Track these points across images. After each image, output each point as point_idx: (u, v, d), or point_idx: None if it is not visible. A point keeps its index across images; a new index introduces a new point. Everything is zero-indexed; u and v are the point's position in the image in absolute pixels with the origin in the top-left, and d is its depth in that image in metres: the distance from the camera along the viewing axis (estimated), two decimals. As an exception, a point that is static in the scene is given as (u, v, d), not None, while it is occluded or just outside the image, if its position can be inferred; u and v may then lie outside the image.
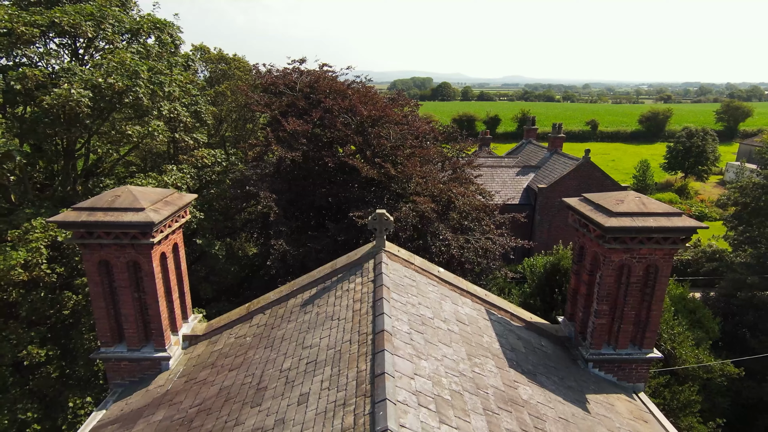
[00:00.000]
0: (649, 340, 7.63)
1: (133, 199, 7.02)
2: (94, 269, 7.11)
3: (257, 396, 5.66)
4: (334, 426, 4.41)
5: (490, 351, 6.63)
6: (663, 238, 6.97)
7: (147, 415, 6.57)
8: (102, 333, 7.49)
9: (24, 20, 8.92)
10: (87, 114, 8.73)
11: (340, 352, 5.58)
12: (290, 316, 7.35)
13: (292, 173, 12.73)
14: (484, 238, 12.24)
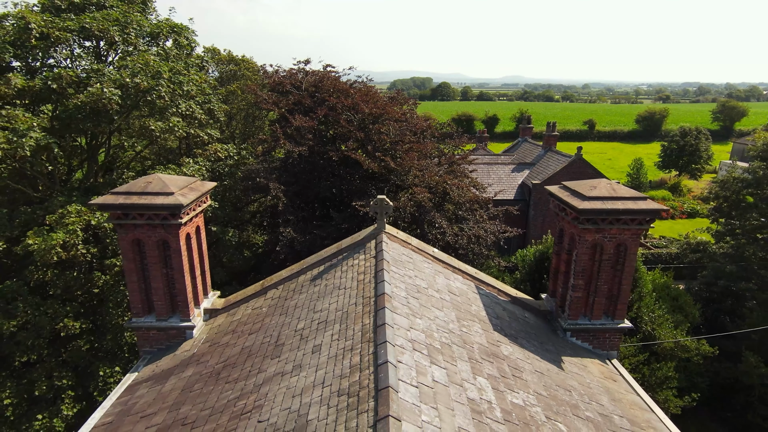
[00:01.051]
0: (620, 311, 8.57)
1: (163, 185, 7.96)
2: (128, 247, 8.05)
3: (276, 350, 6.60)
4: (344, 364, 5.35)
5: (477, 317, 7.56)
6: (630, 219, 7.91)
7: (177, 372, 7.51)
8: (134, 304, 8.42)
9: (58, 26, 9.86)
10: (116, 110, 9.67)
11: (347, 313, 6.51)
12: (301, 289, 8.29)
13: (298, 167, 13.67)
14: (477, 226, 13.19)
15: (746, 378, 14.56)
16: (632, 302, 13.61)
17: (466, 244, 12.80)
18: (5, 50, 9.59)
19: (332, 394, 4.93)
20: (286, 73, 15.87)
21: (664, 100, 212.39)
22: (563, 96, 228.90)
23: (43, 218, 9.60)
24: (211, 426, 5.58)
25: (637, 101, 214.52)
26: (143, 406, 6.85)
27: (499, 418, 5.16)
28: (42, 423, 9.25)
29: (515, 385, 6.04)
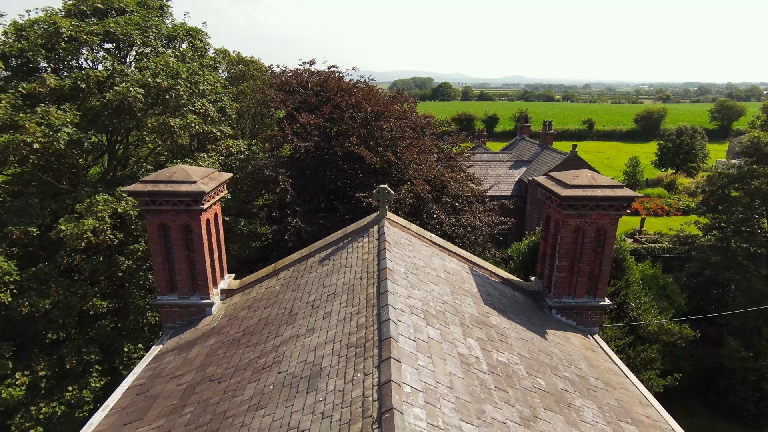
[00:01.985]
0: (601, 290, 9.40)
1: (186, 174, 8.80)
2: (155, 231, 8.89)
3: (290, 319, 7.44)
4: (351, 325, 6.19)
5: (470, 293, 8.40)
6: (608, 205, 8.73)
7: (200, 342, 8.36)
8: (159, 284, 9.27)
9: (85, 30, 10.70)
10: (139, 108, 10.51)
11: (353, 286, 7.35)
12: (311, 269, 9.13)
13: (304, 161, 14.52)
14: (473, 217, 14.02)
15: (728, 362, 15.38)
16: (619, 289, 14.45)
17: (462, 234, 13.64)
18: (38, 52, 10.45)
19: (342, 347, 5.78)
20: (292, 74, 16.73)
21: (664, 100, 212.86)
22: (564, 96, 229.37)
23: (72, 207, 10.44)
24: (236, 379, 6.43)
25: (638, 101, 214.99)
26: (172, 370, 7.70)
27: (485, 369, 5.99)
28: (72, 394, 10.10)
29: (501, 347, 6.88)
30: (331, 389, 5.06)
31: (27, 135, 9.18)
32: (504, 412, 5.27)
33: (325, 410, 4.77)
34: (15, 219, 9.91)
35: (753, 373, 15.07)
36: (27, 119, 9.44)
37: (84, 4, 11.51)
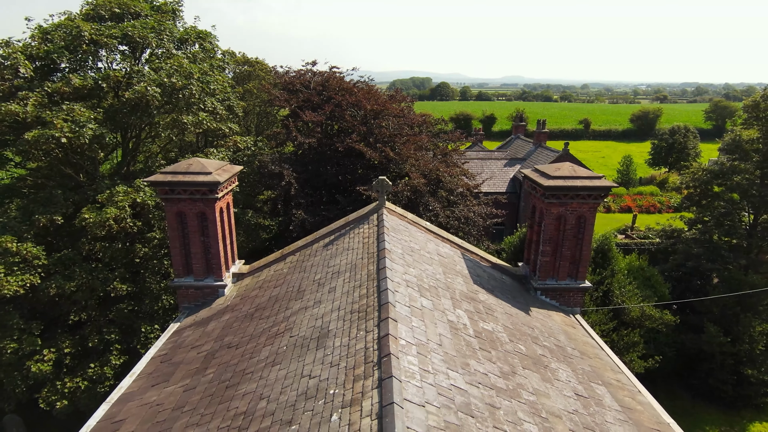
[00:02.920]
0: (582, 273, 10.24)
1: (202, 166, 9.63)
2: (173, 218, 9.71)
3: (298, 294, 8.27)
4: (354, 296, 7.02)
5: (461, 274, 9.25)
6: (587, 195, 9.58)
7: (215, 318, 9.19)
8: (176, 267, 10.09)
9: (105, 33, 11.50)
10: (156, 106, 11.33)
11: (355, 265, 8.19)
12: (316, 253, 9.96)
13: (307, 157, 15.34)
14: (466, 209, 14.87)
15: (708, 347, 16.25)
16: (605, 278, 15.33)
17: (456, 226, 14.49)
18: (62, 54, 11.25)
19: (346, 313, 6.62)
20: (295, 74, 17.55)
21: (661, 100, 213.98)
22: (562, 96, 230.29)
23: (93, 198, 11.24)
24: (252, 345, 7.26)
25: (635, 101, 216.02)
26: (191, 341, 8.53)
27: (471, 334, 6.84)
28: (94, 370, 10.90)
29: (487, 318, 7.73)
30: (337, 345, 5.91)
31: (55, 130, 9.99)
32: (486, 366, 6.11)
33: (332, 360, 5.61)
34: (41, 208, 10.72)
35: (731, 357, 15.95)
36: (54, 116, 10.25)
37: (103, 9, 12.32)
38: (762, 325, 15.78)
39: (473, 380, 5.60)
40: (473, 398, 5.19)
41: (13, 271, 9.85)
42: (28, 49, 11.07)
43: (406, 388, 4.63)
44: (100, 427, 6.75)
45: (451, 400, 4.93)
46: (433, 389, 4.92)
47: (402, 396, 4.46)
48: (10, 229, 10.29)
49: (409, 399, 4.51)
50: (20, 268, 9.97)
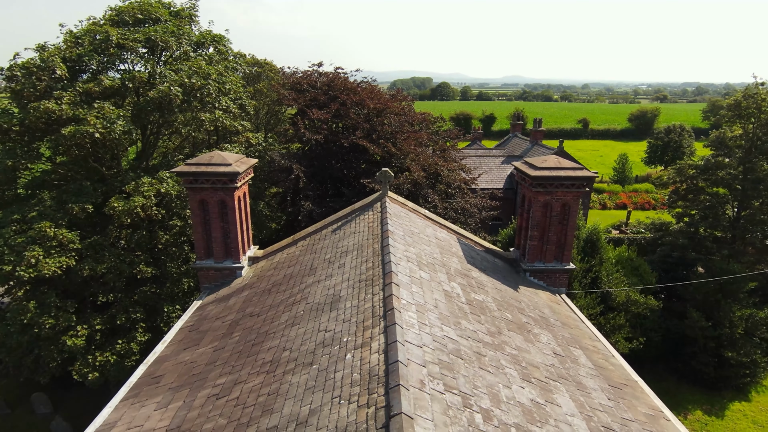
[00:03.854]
0: (567, 256, 11.25)
1: (223, 158, 10.66)
2: (196, 206, 10.75)
3: (311, 271, 9.29)
4: (361, 269, 8.04)
5: (456, 255, 10.26)
6: (571, 184, 10.59)
7: (236, 295, 10.21)
8: (198, 250, 11.13)
9: (130, 37, 12.52)
10: (177, 104, 12.35)
11: (361, 244, 9.21)
12: (325, 237, 10.98)
13: (314, 152, 16.36)
14: (463, 201, 15.88)
15: (690, 331, 17.24)
16: (593, 266, 16.34)
17: (454, 217, 15.49)
18: (92, 57, 12.27)
19: (355, 283, 7.64)
20: (302, 74, 18.57)
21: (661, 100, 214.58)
22: (562, 96, 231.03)
23: (120, 188, 12.27)
24: (272, 312, 8.28)
25: (635, 101, 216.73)
26: (216, 314, 9.56)
27: (464, 302, 7.86)
28: (122, 346, 11.91)
29: (478, 291, 8.74)
30: (348, 306, 6.93)
31: (89, 126, 11.00)
32: (475, 326, 7.13)
33: (345, 318, 6.64)
34: (74, 198, 11.74)
35: (713, 341, 16.94)
36: (86, 113, 11.27)
37: (127, 15, 13.33)
38: (741, 310, 16.76)
39: (463, 334, 6.62)
40: (463, 346, 6.21)
41: (51, 253, 10.88)
42: (61, 52, 12.09)
43: (406, 333, 5.65)
44: (142, 381, 7.78)
45: (444, 346, 5.95)
46: (429, 336, 5.94)
47: (404, 338, 5.48)
48: (46, 216, 11.32)
49: (409, 341, 5.53)
50: (57, 251, 11.00)
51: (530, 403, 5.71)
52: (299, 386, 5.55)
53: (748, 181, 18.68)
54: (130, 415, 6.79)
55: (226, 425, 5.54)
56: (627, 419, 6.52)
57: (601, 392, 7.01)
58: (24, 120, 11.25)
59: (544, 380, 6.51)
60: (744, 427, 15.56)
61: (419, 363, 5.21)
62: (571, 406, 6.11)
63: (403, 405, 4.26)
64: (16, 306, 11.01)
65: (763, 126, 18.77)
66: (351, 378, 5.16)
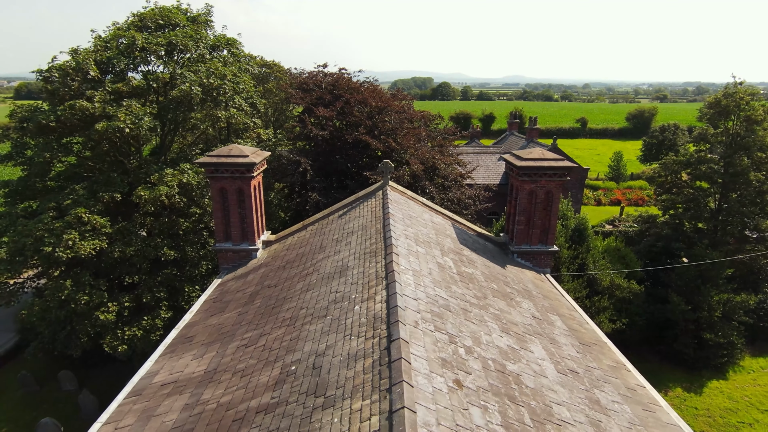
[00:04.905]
0: (551, 239, 12.43)
1: (240, 150, 11.86)
2: (216, 193, 11.95)
3: (320, 250, 10.49)
4: (365, 245, 9.23)
5: (450, 236, 11.45)
6: (553, 173, 11.76)
7: (253, 272, 11.42)
8: (218, 233, 12.33)
9: (153, 42, 13.73)
10: (197, 102, 13.55)
11: (365, 226, 10.41)
12: (332, 222, 12.18)
13: (320, 147, 17.56)
14: (458, 192, 17.07)
15: (672, 315, 18.42)
16: (580, 253, 17.53)
17: (450, 207, 16.68)
18: (120, 59, 13.48)
19: (360, 255, 8.84)
20: (308, 75, 19.78)
21: (661, 100, 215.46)
22: (562, 96, 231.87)
23: (145, 179, 13.48)
24: (288, 284, 9.48)
25: (636, 101, 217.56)
26: (236, 287, 10.76)
27: (455, 273, 9.05)
28: (147, 322, 13.12)
29: (468, 266, 9.93)
30: (355, 273, 8.13)
31: (120, 122, 12.21)
32: (464, 291, 8.32)
33: (352, 281, 7.84)
34: (103, 188, 12.95)
35: (692, 323, 18.12)
36: (116, 111, 12.48)
37: (150, 21, 14.55)
38: (719, 295, 17.93)
39: (453, 295, 7.81)
40: (451, 303, 7.41)
41: (86, 237, 12.08)
42: (92, 55, 13.29)
43: (404, 289, 6.85)
44: (176, 341, 8.99)
45: (435, 301, 7.15)
46: (423, 293, 7.14)
47: (402, 292, 6.68)
48: (80, 204, 12.52)
49: (407, 294, 6.73)
50: (90, 235, 12.20)
51: (507, 347, 6.91)
52: (316, 332, 6.75)
53: (728, 175, 19.85)
54: (170, 365, 8.00)
55: (256, 364, 6.75)
56: (591, 367, 7.71)
57: (571, 347, 8.20)
58: (60, 117, 12.46)
59: (521, 334, 7.71)
60: (719, 402, 16.73)
61: (414, 310, 6.41)
62: (542, 353, 7.31)
63: (401, 334, 5.46)
64: (54, 284, 12.23)
65: (742, 123, 19.95)
66: (359, 322, 6.36)
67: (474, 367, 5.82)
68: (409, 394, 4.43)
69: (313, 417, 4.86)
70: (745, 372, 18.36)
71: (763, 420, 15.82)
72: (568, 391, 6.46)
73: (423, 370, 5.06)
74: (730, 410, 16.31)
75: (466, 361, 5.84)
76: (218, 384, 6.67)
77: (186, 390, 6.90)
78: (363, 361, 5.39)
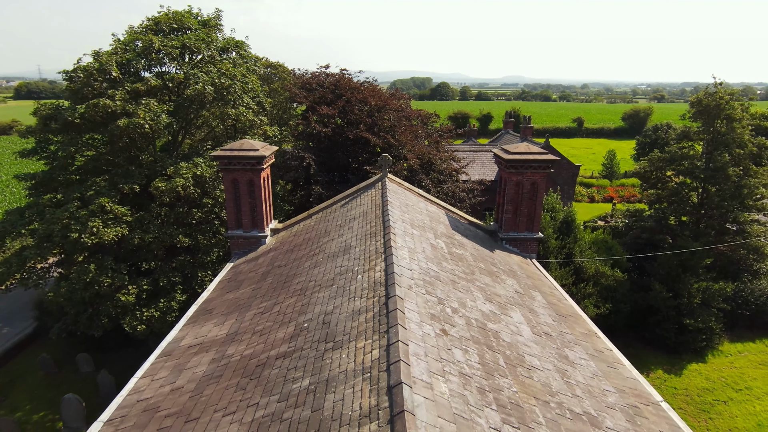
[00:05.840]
0: (536, 227, 13.51)
1: (251, 145, 12.94)
2: (229, 184, 13.01)
3: (325, 234, 11.57)
4: (366, 228, 10.30)
5: (443, 223, 12.53)
6: (538, 166, 12.85)
7: (263, 256, 12.48)
8: (230, 221, 13.39)
9: (169, 44, 14.78)
10: (209, 101, 14.61)
11: (366, 212, 11.48)
12: (335, 210, 13.26)
13: (323, 144, 18.62)
14: (453, 185, 18.15)
15: (655, 302, 19.52)
16: (567, 243, 18.63)
17: (445, 199, 17.76)
18: (138, 61, 14.54)
19: (361, 236, 9.91)
20: (311, 75, 20.85)
21: (659, 100, 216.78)
22: (561, 96, 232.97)
23: (161, 172, 14.53)
24: (297, 263, 10.55)
25: (634, 101, 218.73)
26: (248, 269, 11.83)
27: (446, 253, 10.13)
28: (164, 304, 14.17)
29: (459, 248, 11.01)
30: (357, 251, 9.21)
31: (140, 119, 13.27)
32: (453, 267, 9.40)
33: (355, 257, 8.92)
34: (123, 180, 14.02)
35: (673, 310, 19.22)
36: (135, 108, 13.54)
37: (164, 25, 15.61)
38: (698, 282, 19.03)
39: (443, 269, 8.89)
40: (441, 275, 8.49)
41: (108, 224, 13.13)
42: (113, 57, 14.36)
43: (401, 261, 7.92)
44: (197, 313, 10.05)
45: (427, 273, 8.23)
46: (417, 266, 8.22)
47: (399, 263, 7.75)
48: (101, 194, 13.58)
49: (402, 266, 7.80)
50: (112, 223, 13.25)
51: (489, 311, 7.99)
52: (324, 297, 7.83)
53: (709, 170, 20.97)
54: (194, 332, 9.08)
55: (272, 325, 7.83)
56: (564, 332, 8.80)
57: (548, 317, 9.29)
58: (84, 114, 13.51)
59: (502, 303, 8.79)
60: (697, 382, 17.84)
61: (409, 278, 7.49)
62: (520, 319, 8.40)
63: (398, 292, 6.54)
64: (79, 268, 13.27)
65: (722, 121, 21.07)
66: (362, 287, 7.44)
67: (458, 322, 6.91)
68: (403, 333, 5.51)
69: (324, 356, 5.94)
70: (723, 356, 19.47)
71: (737, 398, 16.92)
72: (540, 348, 7.55)
73: (415, 320, 6.14)
74: (707, 389, 17.42)
75: (452, 318, 6.92)
76: (240, 342, 7.74)
77: (211, 348, 7.97)
78: (365, 314, 6.47)
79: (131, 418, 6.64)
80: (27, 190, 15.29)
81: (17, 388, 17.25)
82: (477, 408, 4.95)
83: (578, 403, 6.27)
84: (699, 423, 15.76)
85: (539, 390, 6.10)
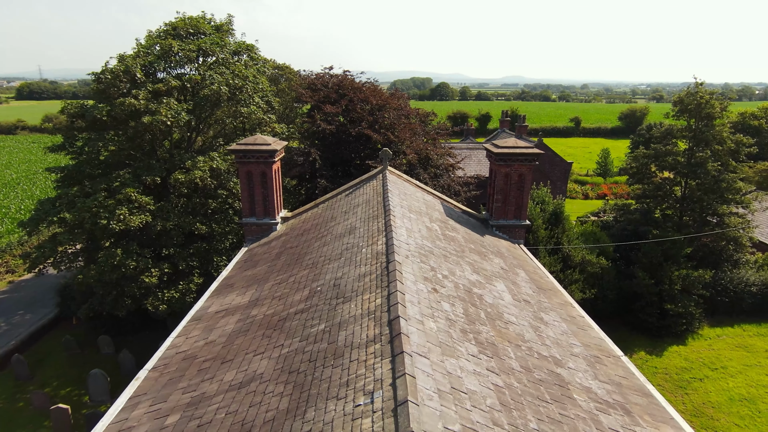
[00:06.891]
0: (524, 215, 14.80)
1: (264, 140, 14.23)
2: (243, 176, 14.31)
3: (331, 219, 12.86)
4: (368, 213, 11.60)
5: (438, 210, 13.83)
6: (525, 159, 14.14)
7: (275, 240, 13.78)
8: (244, 209, 14.70)
9: (187, 48, 16.07)
10: (224, 100, 15.90)
11: (368, 200, 12.77)
12: (340, 199, 14.55)
13: (327, 140, 19.92)
14: (449, 180, 19.45)
15: (638, 289, 20.81)
16: (556, 233, 19.92)
17: (441, 192, 19.08)
18: (159, 64, 15.83)
19: (365, 219, 11.21)
20: (316, 76, 22.15)
21: (657, 100, 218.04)
22: (560, 96, 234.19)
23: (179, 165, 15.85)
24: (306, 244, 11.84)
25: (633, 101, 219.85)
26: (262, 252, 13.13)
27: (440, 234, 11.42)
28: (183, 286, 15.46)
29: (451, 231, 12.30)
30: (361, 231, 10.50)
31: (162, 116, 14.56)
32: (446, 246, 10.70)
33: (359, 236, 10.21)
34: (145, 172, 15.32)
35: (656, 296, 20.51)
36: (158, 107, 14.84)
37: (182, 30, 16.91)
38: (679, 270, 20.32)
39: (437, 247, 10.19)
40: (435, 251, 9.79)
41: (133, 212, 14.43)
42: (137, 60, 15.66)
43: (399, 238, 9.22)
44: (220, 287, 11.35)
45: (422, 248, 9.52)
46: (413, 242, 9.52)
47: (397, 239, 9.05)
48: (126, 185, 14.88)
49: (401, 240, 9.10)
50: (137, 211, 14.55)
51: (475, 280, 9.29)
52: (334, 267, 9.13)
53: (690, 165, 22.27)
54: (219, 301, 10.38)
55: (289, 292, 9.12)
56: (543, 301, 10.10)
57: (529, 289, 10.59)
58: (111, 112, 14.81)
59: (488, 275, 10.09)
60: (676, 362, 19.13)
61: (406, 250, 8.79)
62: (503, 288, 9.70)
63: (396, 259, 7.83)
64: (107, 252, 14.58)
65: (702, 119, 22.38)
66: (366, 257, 8.74)
67: (448, 285, 8.21)
68: (401, 287, 6.81)
69: (336, 308, 7.24)
70: (703, 339, 20.76)
71: (712, 376, 18.21)
72: (518, 310, 8.85)
73: (410, 280, 7.44)
74: (685, 369, 18.71)
75: (442, 281, 8.22)
76: (261, 305, 9.04)
77: (237, 312, 9.27)
78: (369, 276, 7.77)
79: (173, 365, 7.94)
80: (55, 183, 16.58)
81: (44, 367, 18.57)
82: (459, 341, 6.25)
83: (546, 350, 7.56)
84: (676, 398, 17.05)
85: (513, 337, 7.40)
